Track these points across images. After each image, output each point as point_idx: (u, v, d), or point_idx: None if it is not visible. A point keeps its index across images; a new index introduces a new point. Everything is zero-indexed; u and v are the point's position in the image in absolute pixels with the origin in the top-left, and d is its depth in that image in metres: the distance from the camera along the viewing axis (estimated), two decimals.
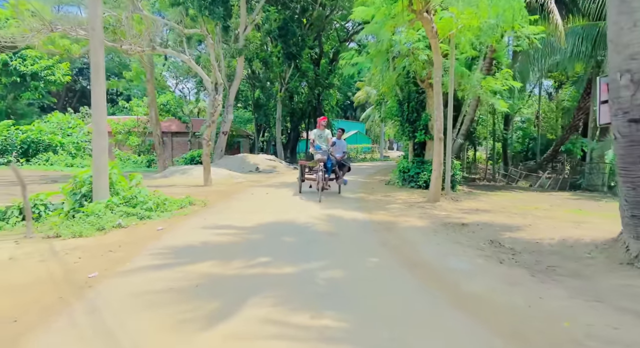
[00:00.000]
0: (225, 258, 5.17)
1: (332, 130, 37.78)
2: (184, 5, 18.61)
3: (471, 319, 3.48)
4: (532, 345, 3.03)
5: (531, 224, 7.57)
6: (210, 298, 3.86)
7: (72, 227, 7.22)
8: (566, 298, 4.03)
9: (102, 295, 4.04)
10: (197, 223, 7.49)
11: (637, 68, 5.06)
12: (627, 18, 5.06)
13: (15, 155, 20.15)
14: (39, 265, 5.32)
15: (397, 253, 5.57)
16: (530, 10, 12.67)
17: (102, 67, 8.67)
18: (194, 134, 28.25)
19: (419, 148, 13.23)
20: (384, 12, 9.23)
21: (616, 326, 3.34)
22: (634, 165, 5.24)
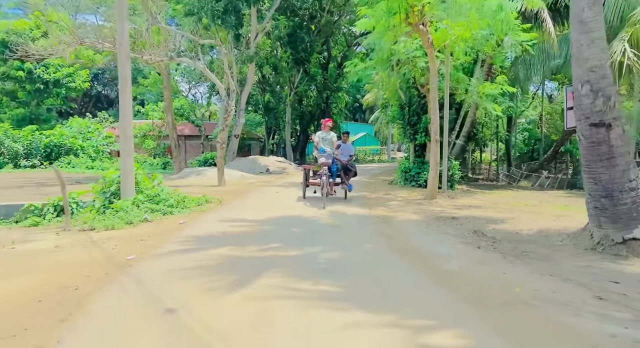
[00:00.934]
0: (241, 244, 6.06)
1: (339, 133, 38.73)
2: (198, 15, 19.67)
3: (444, 288, 4.32)
4: (486, 304, 3.85)
5: (515, 218, 8.36)
6: (231, 272, 4.74)
7: (104, 221, 8.18)
8: (526, 273, 4.85)
9: (142, 272, 4.95)
10: (214, 217, 8.41)
11: (595, 79, 5.85)
12: (585, 37, 5.86)
13: (39, 159, 21.33)
14: (83, 250, 6.25)
15: (390, 241, 6.41)
16: (526, 19, 13.43)
17: (129, 78, 9.65)
18: (206, 137, 29.29)
19: (420, 149, 14.03)
20: (384, 24, 10.10)
21: (555, 290, 4.16)
22: (595, 163, 6.02)
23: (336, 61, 34.08)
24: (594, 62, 5.86)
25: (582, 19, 5.88)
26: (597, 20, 5.85)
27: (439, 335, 3.16)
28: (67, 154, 22.33)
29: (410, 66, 11.94)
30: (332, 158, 9.86)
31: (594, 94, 5.88)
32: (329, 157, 9.78)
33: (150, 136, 27.78)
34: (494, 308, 3.73)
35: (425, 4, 9.38)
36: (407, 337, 3.11)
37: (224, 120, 14.72)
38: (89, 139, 23.97)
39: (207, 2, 19.32)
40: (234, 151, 22.23)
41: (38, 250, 6.44)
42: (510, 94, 18.15)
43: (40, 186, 15.03)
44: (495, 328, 3.30)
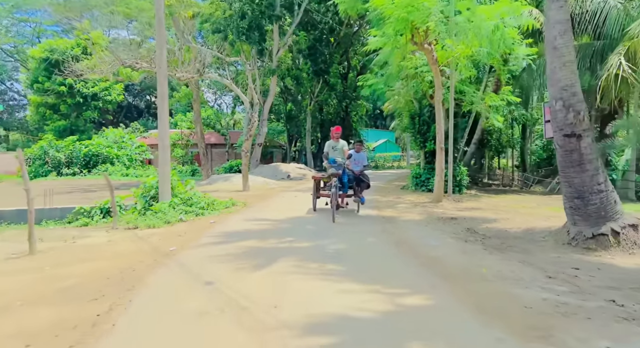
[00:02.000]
0: (263, 238, 7.21)
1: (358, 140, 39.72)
2: (224, 32, 21.17)
3: (424, 268, 5.34)
4: (455, 280, 4.85)
5: (509, 218, 9.25)
6: (254, 258, 5.88)
7: (146, 221, 9.46)
8: (498, 260, 5.81)
9: (183, 258, 6.13)
10: (240, 217, 9.60)
11: (567, 97, 6.78)
12: (558, 61, 6.80)
13: (79, 167, 23.13)
14: (131, 244, 7.50)
15: (390, 236, 7.45)
16: (531, 33, 14.24)
17: (167, 96, 11.01)
18: (231, 145, 30.79)
19: (430, 156, 14.93)
20: (392, 43, 11.18)
21: (515, 271, 5.13)
22: (568, 168, 6.93)
23: (356, 70, 35.21)
24: (566, 82, 6.79)
25: (554, 46, 6.83)
26: (568, 47, 6.79)
27: (410, 298, 4.21)
28: (103, 162, 24.09)
29: (419, 80, 12.94)
30: (343, 168, 9.15)
31: (566, 109, 6.80)
32: (339, 167, 9.11)
33: (179, 145, 29.43)
34: (459, 282, 4.74)
35: (428, 26, 10.39)
36: (385, 298, 4.16)
37: (248, 131, 15.99)
38: (123, 148, 25.73)
39: (233, 20, 20.83)
40: (257, 159, 23.54)
41: (95, 243, 7.72)
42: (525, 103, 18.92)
43: (84, 192, 16.61)
44: (454, 294, 4.32)
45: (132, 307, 4.19)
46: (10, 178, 24.54)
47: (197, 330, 3.54)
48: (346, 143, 9.99)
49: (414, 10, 10.11)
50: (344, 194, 9.45)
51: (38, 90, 28.33)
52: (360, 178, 9.64)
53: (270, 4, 21.25)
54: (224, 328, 3.56)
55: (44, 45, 29.76)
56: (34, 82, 28.37)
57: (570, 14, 14.38)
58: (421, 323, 3.58)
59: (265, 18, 21.51)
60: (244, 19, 21.04)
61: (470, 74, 12.34)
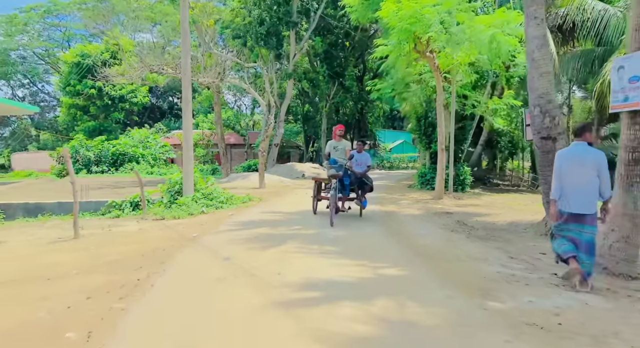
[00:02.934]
0: (274, 226, 8.24)
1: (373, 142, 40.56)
2: (244, 38, 22.36)
3: (409, 250, 6.28)
4: (431, 259, 5.78)
5: (501, 213, 10.07)
6: (265, 241, 6.90)
7: (171, 212, 10.60)
8: (475, 246, 6.70)
9: (205, 241, 7.20)
10: (255, 210, 10.66)
11: (543, 103, 7.59)
12: (536, 72, 7.63)
13: (107, 165, 24.65)
14: (160, 231, 8.62)
15: (387, 227, 8.39)
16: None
17: (190, 100, 12.15)
18: (250, 146, 32.04)
19: (434, 156, 15.71)
20: (396, 52, 12.10)
21: (484, 253, 6.02)
22: (545, 167, 7.73)
23: (372, 73, 36.06)
24: (543, 90, 7.61)
25: (533, 58, 7.66)
26: (545, 59, 7.60)
27: (388, 270, 5.17)
28: (130, 161, 25.55)
29: (423, 85, 13.81)
30: (344, 169, 8.69)
31: (542, 115, 7.62)
32: (340, 168, 8.63)
33: (200, 145, 30.80)
34: (434, 260, 5.67)
35: (429, 36, 11.28)
36: (368, 269, 5.13)
37: (265, 132, 17.08)
38: (148, 148, 27.19)
39: (252, 26, 22.01)
40: (274, 158, 24.66)
41: (128, 231, 8.87)
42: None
43: (113, 188, 17.94)
44: (426, 268, 5.26)
45: (166, 274, 5.26)
46: (44, 176, 26.24)
47: (216, 289, 4.58)
48: (349, 143, 9.57)
49: (416, 21, 11.01)
50: (345, 197, 8.98)
51: (70, 92, 30.15)
52: (362, 180, 9.01)
53: (288, 11, 22.33)
54: (238, 287, 4.59)
55: (75, 51, 31.59)
56: (66, 85, 30.21)
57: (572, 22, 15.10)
58: (391, 285, 4.54)
59: (283, 24, 22.61)
60: (262, 25, 22.19)
61: (471, 80, 13.13)
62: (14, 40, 47.57)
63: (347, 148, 9.21)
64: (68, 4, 47.94)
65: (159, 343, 3.31)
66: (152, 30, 51.24)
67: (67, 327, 3.67)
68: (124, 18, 48.44)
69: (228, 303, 4.12)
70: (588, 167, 4.63)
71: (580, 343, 3.15)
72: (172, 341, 3.30)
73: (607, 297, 4.28)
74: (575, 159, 4.74)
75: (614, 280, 5.04)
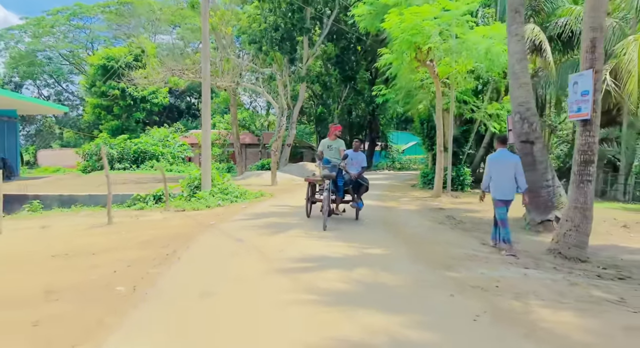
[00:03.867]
0: (283, 217, 9.32)
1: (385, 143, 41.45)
2: (260, 43, 23.53)
3: (396, 237, 7.28)
4: (412, 243, 6.77)
5: (489, 210, 10.93)
6: (274, 228, 7.98)
7: (191, 205, 11.76)
8: (456, 235, 7.68)
9: (221, 227, 8.32)
10: (266, 204, 11.77)
11: (522, 111, 8.52)
12: (516, 82, 8.56)
13: (129, 162, 26.07)
14: (181, 220, 9.77)
15: (383, 219, 9.39)
16: (536, 48, 15.77)
17: (209, 102, 13.32)
18: (264, 146, 33.21)
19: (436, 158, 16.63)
20: (399, 60, 13.09)
21: (461, 241, 7.00)
22: (525, 167, 8.63)
23: (383, 76, 36.92)
24: (522, 99, 8.54)
25: (514, 71, 8.60)
26: (524, 72, 8.54)
27: (373, 250, 6.20)
28: (150, 159, 26.93)
29: (425, 91, 14.75)
30: (338, 170, 8.33)
31: (522, 121, 8.54)
32: (333, 169, 8.31)
33: (216, 144, 32.07)
34: (415, 245, 6.69)
35: (429, 46, 12.23)
36: (356, 250, 6.17)
37: (277, 132, 18.20)
38: (167, 147, 28.56)
39: (267, 32, 23.15)
40: (286, 158, 25.75)
41: (153, 220, 10.04)
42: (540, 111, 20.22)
43: (136, 183, 19.24)
44: (405, 249, 6.28)
45: (190, 250, 6.38)
46: (71, 171, 27.82)
47: (231, 260, 5.68)
48: (343, 142, 9.03)
49: (417, 33, 11.99)
50: (339, 199, 8.57)
51: (95, 93, 31.82)
52: (358, 181, 8.56)
53: (302, 17, 23.41)
54: (248, 260, 5.68)
55: (101, 54, 33.28)
56: (92, 86, 31.89)
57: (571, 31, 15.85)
58: (372, 260, 5.58)
59: (297, 30, 23.70)
60: (277, 31, 23.32)
61: (469, 86, 14.03)
62: (41, 42, 49.78)
63: (342, 148, 8.79)
64: (92, 7, 50.03)
65: (188, 292, 4.40)
66: (171, 32, 53.11)
67: (117, 284, 4.79)
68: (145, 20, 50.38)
69: (240, 270, 5.21)
70: (509, 167, 6.51)
71: (505, 297, 4.15)
72: (198, 291, 4.39)
73: (547, 272, 5.25)
74: (500, 161, 6.58)
75: (565, 262, 5.99)
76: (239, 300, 4.15)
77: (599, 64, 6.10)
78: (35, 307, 4.07)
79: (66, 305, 4.11)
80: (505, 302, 4.04)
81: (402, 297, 4.20)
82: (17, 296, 4.44)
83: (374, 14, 15.35)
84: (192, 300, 4.16)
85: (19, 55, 49.70)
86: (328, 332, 3.27)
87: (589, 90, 6.09)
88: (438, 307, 3.90)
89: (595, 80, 6.04)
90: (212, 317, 3.70)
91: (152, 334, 3.39)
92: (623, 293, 4.48)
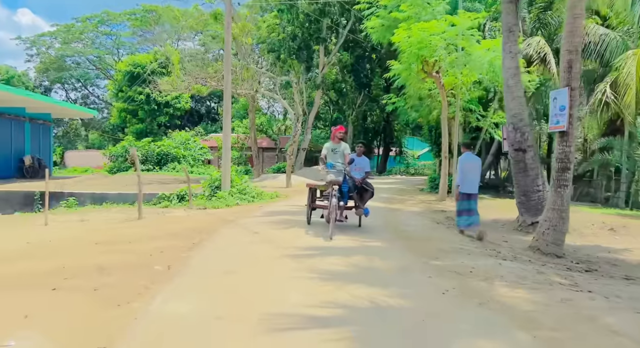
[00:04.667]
0: (294, 215, 10.26)
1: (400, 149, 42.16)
2: (278, 52, 24.66)
3: (395, 234, 8.14)
4: (409, 239, 7.63)
5: (489, 213, 11.70)
6: (286, 224, 8.92)
7: (212, 203, 12.81)
8: (449, 233, 8.49)
9: (241, 223, 9.30)
10: (281, 204, 12.75)
11: (516, 122, 9.30)
12: (510, 96, 9.36)
13: (152, 164, 27.43)
14: (204, 216, 10.79)
15: (385, 219, 10.26)
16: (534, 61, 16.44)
17: (230, 109, 14.39)
18: (280, 149, 34.31)
19: None
20: (407, 71, 13.96)
21: (453, 238, 7.82)
22: (517, 174, 9.43)
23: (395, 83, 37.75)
24: (515, 111, 9.33)
25: (508, 85, 9.39)
26: (517, 85, 9.33)
27: (373, 243, 7.09)
28: (172, 161, 28.26)
29: (433, 100, 15.58)
30: (344, 175, 8.07)
31: (515, 131, 9.33)
32: (339, 174, 7.97)
33: (235, 147, 33.28)
34: (411, 240, 7.55)
35: (435, 59, 13.08)
36: (358, 242, 7.08)
37: (293, 138, 19.20)
38: (188, 149, 29.89)
39: (285, 41, 24.30)
40: (301, 161, 26.79)
41: (178, 215, 11.08)
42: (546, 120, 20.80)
43: (159, 184, 20.47)
44: (402, 243, 7.15)
45: (213, 240, 7.37)
46: (98, 172, 29.36)
47: (248, 247, 6.64)
48: (347, 146, 8.68)
49: (423, 46, 12.87)
50: (343, 205, 8.27)
51: (121, 98, 33.49)
52: (363, 187, 8.39)
53: (318, 28, 24.49)
54: (262, 247, 6.64)
55: (128, 60, 35.03)
56: (119, 91, 33.58)
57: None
58: (368, 250, 6.48)
59: (313, 40, 24.79)
60: (295, 40, 24.45)
61: (473, 96, 14.80)
62: (70, 47, 52.09)
63: (347, 152, 8.41)
64: (119, 14, 52.13)
65: (214, 270, 5.37)
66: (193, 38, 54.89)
67: (154, 264, 5.78)
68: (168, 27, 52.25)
69: (256, 255, 6.17)
70: (475, 166, 8.23)
71: (475, 279, 4.99)
72: (222, 270, 5.36)
73: (522, 264, 6.06)
74: (469, 161, 8.17)
75: (542, 257, 6.78)
76: (255, 276, 5.10)
77: (575, 82, 6.89)
78: (92, 278, 5.08)
79: (116, 277, 5.11)
80: (473, 282, 4.89)
81: (388, 277, 5.08)
82: (76, 271, 5.45)
83: (385, 27, 16.25)
84: (217, 275, 5.13)
85: (49, 60, 52.13)
86: (322, 298, 4.18)
87: (565, 106, 6.88)
88: (416, 284, 4.78)
89: (570, 97, 6.83)
90: (233, 287, 4.65)
91: (187, 296, 4.36)
92: (580, 281, 5.27)
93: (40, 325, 3.56)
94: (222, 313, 3.82)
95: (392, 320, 3.66)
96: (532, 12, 18.44)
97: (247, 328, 3.46)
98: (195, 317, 3.74)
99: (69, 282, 4.92)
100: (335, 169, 8.05)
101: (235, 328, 3.50)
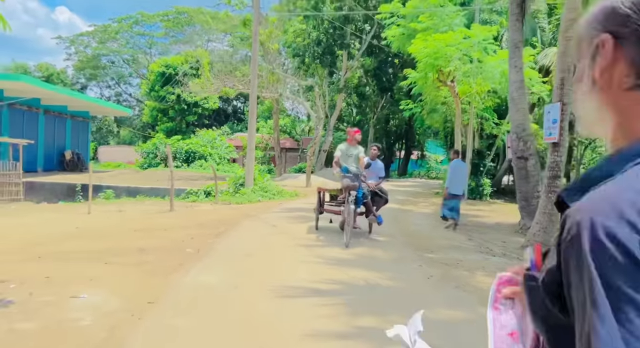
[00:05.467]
0: (310, 212, 11.09)
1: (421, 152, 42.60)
2: (303, 56, 25.66)
3: (402, 232, 8.94)
4: (411, 236, 8.41)
5: (495, 216, 12.35)
6: (303, 219, 9.83)
7: (236, 199, 13.85)
8: (452, 233, 9.22)
9: (261, 217, 10.27)
10: (299, 201, 13.68)
11: (519, 131, 9.94)
12: (514, 107, 10.01)
13: (181, 161, 28.87)
14: (229, 210, 11.82)
15: (395, 218, 11.04)
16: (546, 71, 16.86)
17: (255, 111, 15.41)
18: (302, 150, 35.32)
19: None
20: (423, 80, 14.69)
21: (452, 236, 8.57)
22: (519, 180, 10.07)
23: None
24: (519, 121, 9.97)
25: (512, 97, 10.04)
26: (521, 98, 9.97)
27: (378, 237, 7.91)
28: (199, 158, 29.63)
29: (446, 107, 16.24)
30: (359, 180, 7.57)
31: (518, 140, 9.97)
32: (355, 178, 7.49)
33: (259, 147, 34.49)
34: (413, 237, 8.34)
35: (450, 68, 13.76)
36: (365, 236, 7.91)
37: (314, 139, 20.13)
38: (215, 148, 31.23)
39: (310, 46, 25.26)
40: (322, 162, 27.69)
41: (206, 209, 12.15)
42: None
43: (187, 180, 21.75)
44: (404, 239, 7.95)
45: (237, 230, 8.35)
46: (130, 167, 30.99)
47: (267, 237, 7.58)
48: (363, 149, 8.30)
49: (439, 57, 13.58)
50: (357, 211, 7.74)
51: (153, 97, 35.17)
52: (376, 192, 8.05)
53: (342, 34, 25.36)
54: (279, 237, 7.57)
55: (160, 62, 36.75)
56: (151, 90, 35.27)
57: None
58: (373, 244, 7.32)
59: (337, 45, 25.68)
60: (319, 45, 25.38)
61: (487, 104, 15.39)
62: (105, 46, 54.57)
63: (362, 155, 7.93)
64: (153, 15, 54.27)
65: (236, 254, 6.32)
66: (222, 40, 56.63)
67: (186, 247, 6.77)
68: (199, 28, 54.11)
69: (272, 243, 7.10)
70: (463, 171, 9.46)
71: (459, 269, 5.78)
72: (243, 253, 6.30)
73: (509, 260, 6.78)
74: (457, 167, 9.38)
75: None
76: (270, 259, 6.03)
77: (567, 98, 7.55)
78: (135, 256, 6.10)
79: (155, 256, 6.12)
80: (457, 271, 5.68)
81: (384, 264, 5.92)
82: (121, 251, 6.49)
83: (405, 36, 16.99)
84: (239, 257, 6.07)
85: (86, 59, 54.70)
86: (325, 277, 5.07)
87: (557, 119, 7.56)
88: (406, 270, 5.61)
89: (562, 111, 7.51)
90: (251, 266, 5.59)
91: (213, 271, 5.31)
92: None
93: (102, 286, 4.57)
94: (241, 283, 4.75)
95: (379, 294, 4.52)
96: (551, 22, 18.85)
97: (260, 295, 4.38)
98: (220, 286, 4.69)
99: (117, 258, 5.95)
100: (351, 173, 7.52)
101: (250, 294, 4.43)
